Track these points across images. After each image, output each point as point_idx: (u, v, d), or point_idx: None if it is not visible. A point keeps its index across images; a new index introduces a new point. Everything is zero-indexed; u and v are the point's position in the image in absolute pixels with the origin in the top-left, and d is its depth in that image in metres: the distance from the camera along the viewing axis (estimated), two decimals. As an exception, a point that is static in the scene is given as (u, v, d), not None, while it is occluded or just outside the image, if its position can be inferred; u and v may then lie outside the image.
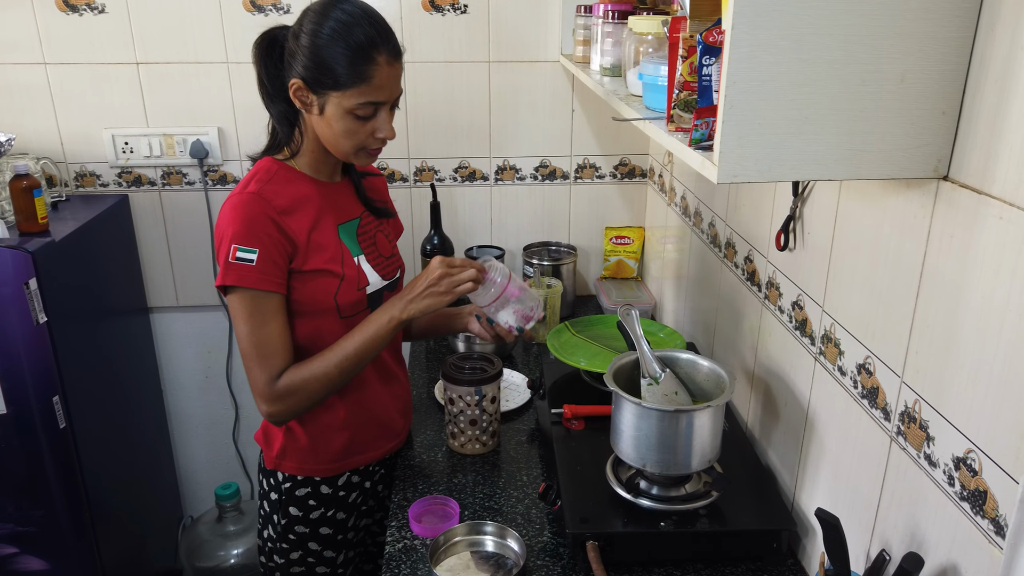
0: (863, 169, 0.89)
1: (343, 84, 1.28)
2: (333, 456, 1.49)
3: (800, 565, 1.31)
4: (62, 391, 1.85)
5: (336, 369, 1.36)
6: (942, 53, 0.86)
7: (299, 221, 1.36)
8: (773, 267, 1.43)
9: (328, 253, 1.39)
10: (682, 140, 1.01)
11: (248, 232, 1.30)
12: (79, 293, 1.98)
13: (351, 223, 1.46)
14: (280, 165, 1.40)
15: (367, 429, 1.51)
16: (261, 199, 1.32)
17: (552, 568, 1.30)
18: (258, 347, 1.33)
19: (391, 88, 1.32)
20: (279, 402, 1.35)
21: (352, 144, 1.34)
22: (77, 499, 1.92)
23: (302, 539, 1.51)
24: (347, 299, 1.40)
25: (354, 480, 1.53)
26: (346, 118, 1.31)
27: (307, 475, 1.48)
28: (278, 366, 1.35)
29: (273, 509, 1.52)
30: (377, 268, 1.47)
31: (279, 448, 1.48)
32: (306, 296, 1.38)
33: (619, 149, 2.34)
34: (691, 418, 1.27)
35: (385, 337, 1.39)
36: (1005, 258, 0.82)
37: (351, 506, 1.54)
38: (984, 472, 0.86)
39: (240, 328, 1.34)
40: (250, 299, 1.32)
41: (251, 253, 1.29)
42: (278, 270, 1.33)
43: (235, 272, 1.30)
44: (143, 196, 2.28)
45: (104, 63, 2.14)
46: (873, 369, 1.09)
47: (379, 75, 1.29)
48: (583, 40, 1.93)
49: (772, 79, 0.84)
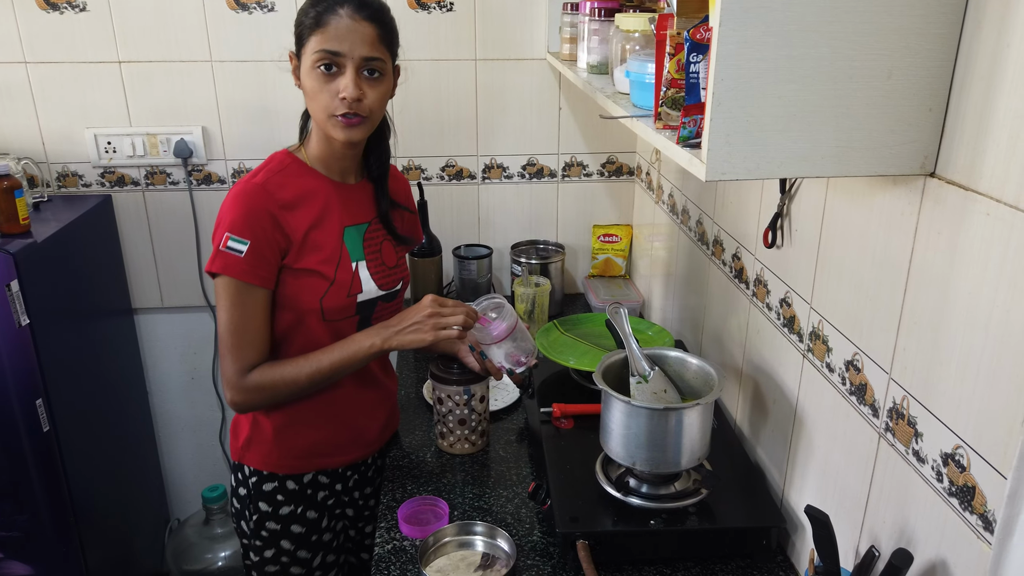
0: (850, 166, 0.89)
1: (305, 34, 1.31)
2: (297, 453, 1.47)
3: (789, 562, 1.31)
4: (45, 394, 1.83)
5: (306, 379, 1.37)
6: (928, 49, 0.86)
7: (300, 217, 1.36)
8: (761, 264, 1.43)
9: (324, 254, 1.38)
10: (670, 138, 1.00)
11: (244, 223, 1.31)
12: (62, 295, 1.96)
13: (359, 227, 1.45)
14: (293, 159, 1.41)
15: (336, 433, 1.50)
16: (264, 191, 1.33)
17: (542, 567, 1.29)
18: (235, 336, 1.34)
19: (352, 42, 1.29)
20: (244, 394, 1.37)
21: (321, 106, 1.32)
22: (61, 503, 1.90)
23: (274, 536, 1.50)
24: (333, 304, 1.39)
25: (322, 480, 1.51)
26: (312, 75, 1.31)
27: (271, 470, 1.47)
28: (251, 359, 1.36)
29: (243, 505, 1.52)
30: (376, 277, 1.45)
31: (244, 439, 1.48)
32: (293, 293, 1.37)
33: (606, 147, 2.33)
34: (680, 416, 1.27)
35: (362, 361, 1.39)
36: (992, 254, 0.82)
37: (321, 505, 1.52)
38: (972, 468, 0.86)
39: (221, 314, 1.35)
40: (234, 288, 1.33)
41: (242, 244, 1.30)
42: (266, 265, 1.33)
43: (223, 260, 1.31)
44: (126, 196, 2.25)
45: (86, 62, 2.12)
46: (861, 366, 1.09)
47: (337, 24, 1.28)
48: (570, 38, 1.92)
49: (759, 76, 0.84)
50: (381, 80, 1.34)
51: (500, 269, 2.42)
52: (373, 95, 1.33)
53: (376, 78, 1.33)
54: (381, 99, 1.35)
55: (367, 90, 1.32)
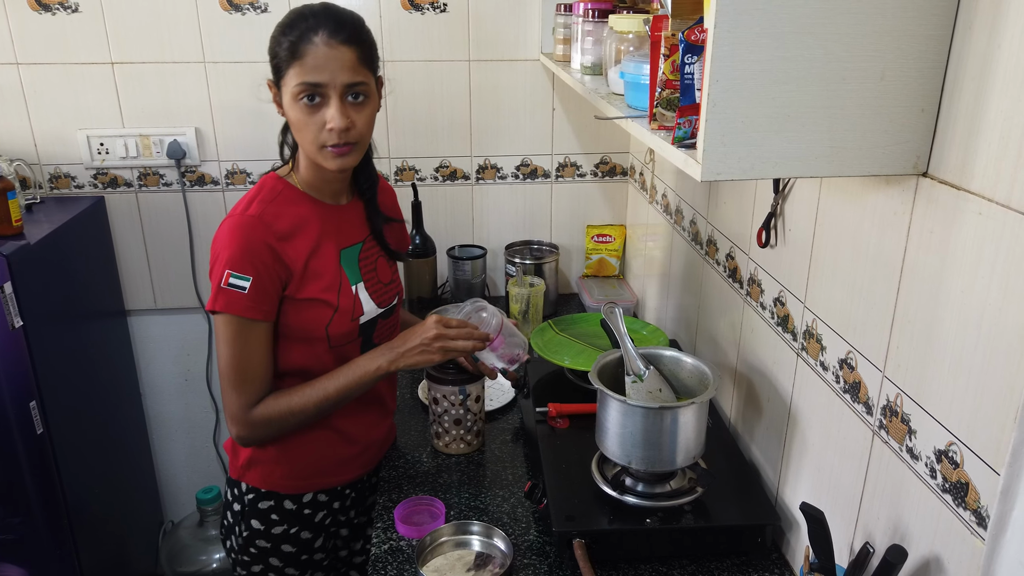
0: (844, 166, 0.90)
1: (283, 67, 1.27)
2: (300, 473, 1.45)
3: (784, 559, 1.32)
4: (39, 396, 1.82)
5: (315, 407, 1.35)
6: (920, 51, 0.87)
7: (297, 247, 1.33)
8: (755, 264, 1.44)
9: (325, 281, 1.36)
10: (665, 138, 1.01)
11: (243, 258, 1.27)
12: (55, 296, 1.95)
13: (353, 248, 1.43)
14: (284, 184, 1.37)
15: (338, 451, 1.47)
16: (261, 223, 1.30)
17: (539, 566, 1.30)
18: (238, 371, 1.31)
19: (332, 71, 1.24)
20: (251, 428, 1.34)
21: (309, 139, 1.29)
22: (56, 505, 1.90)
23: (263, 553, 1.47)
24: (339, 330, 1.37)
25: (321, 499, 1.49)
26: (295, 107, 1.27)
27: (271, 488, 1.45)
28: (256, 393, 1.33)
29: (235, 520, 1.49)
30: (374, 296, 1.44)
31: (246, 458, 1.45)
32: (297, 323, 1.35)
33: (600, 148, 2.34)
34: (676, 415, 1.27)
35: (368, 384, 1.37)
36: (984, 253, 0.83)
37: (318, 526, 1.49)
38: (966, 464, 0.87)
39: (222, 349, 1.32)
40: (236, 324, 1.29)
41: (244, 280, 1.27)
42: (268, 299, 1.30)
43: (226, 298, 1.27)
44: (119, 198, 2.25)
45: (78, 63, 2.11)
46: (855, 364, 1.10)
47: (314, 54, 1.24)
48: (563, 39, 1.93)
49: (754, 77, 0.84)
50: (367, 103, 1.30)
51: (494, 269, 2.42)
52: (361, 120, 1.29)
53: (361, 101, 1.29)
54: (369, 121, 1.32)
55: (354, 116, 1.28)
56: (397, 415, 1.76)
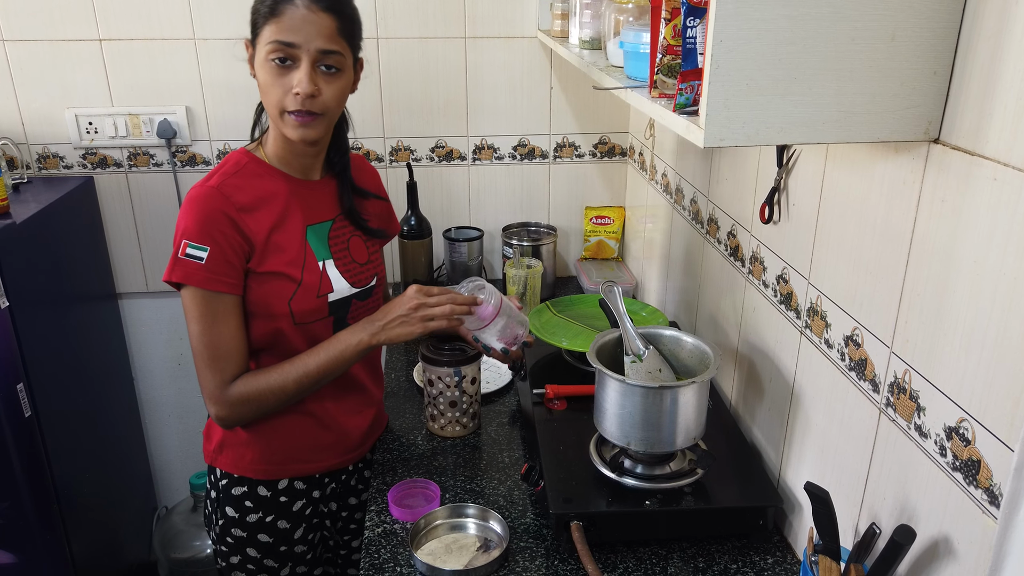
0: (852, 132, 0.87)
1: (260, 24, 1.24)
2: (272, 457, 1.41)
3: (786, 541, 1.29)
4: (27, 378, 1.79)
5: (294, 384, 1.31)
6: (933, 10, 0.83)
7: (259, 220, 1.29)
8: (757, 241, 1.40)
9: (288, 256, 1.32)
10: (666, 106, 0.97)
11: (200, 229, 1.24)
12: (43, 277, 1.91)
13: (322, 225, 1.38)
14: (251, 158, 1.33)
15: (314, 437, 1.43)
16: (220, 194, 1.26)
17: (536, 549, 1.27)
18: (210, 348, 1.28)
19: (307, 33, 1.21)
20: (230, 408, 1.30)
21: (273, 102, 1.25)
22: (44, 490, 1.87)
23: (240, 543, 1.43)
24: (303, 306, 1.33)
25: (298, 487, 1.44)
26: (265, 67, 1.24)
27: (242, 473, 1.41)
28: (231, 370, 1.29)
29: (212, 508, 1.46)
30: (347, 275, 1.39)
31: (217, 441, 1.41)
32: (260, 298, 1.31)
33: (598, 127, 2.30)
34: (675, 395, 1.24)
35: (351, 359, 1.33)
36: (999, 220, 0.80)
37: (296, 516, 1.45)
38: (977, 441, 0.84)
39: (191, 327, 1.28)
40: (201, 298, 1.26)
41: (201, 251, 1.23)
42: (232, 270, 1.26)
43: (182, 269, 1.24)
44: (109, 178, 2.21)
45: (65, 40, 2.06)
46: (861, 340, 1.07)
47: (291, 14, 1.21)
48: (561, 14, 1.89)
49: (759, 37, 0.81)
50: (339, 76, 1.27)
51: (491, 251, 2.39)
52: (329, 91, 1.25)
53: (333, 73, 1.26)
54: (338, 95, 1.28)
55: (323, 86, 1.24)
56: (390, 398, 1.73)
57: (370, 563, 1.26)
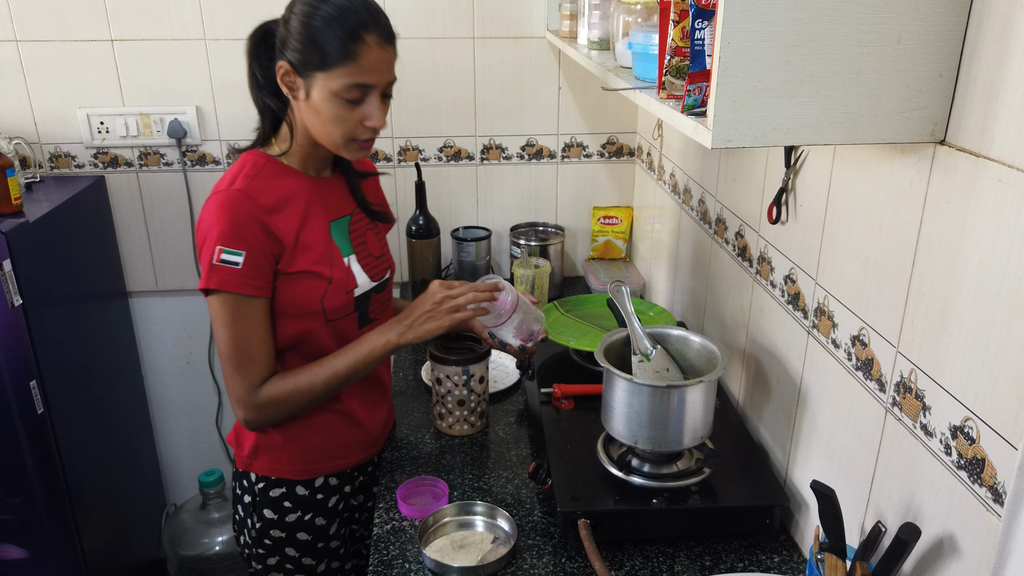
0: (858, 133, 0.87)
1: (329, 63, 1.22)
2: (307, 457, 1.42)
3: (792, 541, 1.30)
4: (39, 376, 1.81)
5: (323, 385, 1.32)
6: (939, 13, 0.84)
7: (286, 220, 1.30)
8: (765, 241, 1.41)
9: (316, 253, 1.33)
10: (674, 107, 0.98)
11: (234, 233, 1.23)
12: (55, 276, 1.93)
13: (343, 220, 1.40)
14: (267, 159, 1.34)
15: (344, 434, 1.45)
16: (247, 197, 1.26)
17: (543, 547, 1.28)
18: (239, 353, 1.28)
19: (381, 71, 1.25)
20: (259, 411, 1.31)
21: (341, 132, 1.27)
22: (56, 486, 1.89)
23: (278, 544, 1.45)
24: (334, 303, 1.34)
25: (332, 483, 1.46)
26: (333, 102, 1.24)
27: (280, 476, 1.42)
28: (260, 374, 1.30)
29: (247, 513, 1.46)
30: (367, 269, 1.41)
31: (251, 447, 1.42)
32: (291, 298, 1.32)
33: (606, 127, 2.31)
34: (683, 394, 1.25)
35: (379, 359, 1.35)
36: (1004, 221, 0.80)
37: (332, 511, 1.47)
38: (982, 440, 0.85)
39: (220, 332, 1.28)
40: (232, 303, 1.26)
41: (237, 256, 1.23)
42: (263, 274, 1.27)
43: (219, 275, 1.24)
44: (120, 177, 2.23)
45: (78, 40, 2.08)
46: (868, 340, 1.07)
47: (367, 55, 1.22)
48: (570, 14, 1.90)
49: (766, 39, 0.82)
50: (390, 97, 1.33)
51: (499, 251, 2.40)
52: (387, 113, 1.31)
53: (390, 95, 1.32)
54: None
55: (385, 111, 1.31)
56: (398, 397, 1.74)
57: (379, 559, 1.27)
